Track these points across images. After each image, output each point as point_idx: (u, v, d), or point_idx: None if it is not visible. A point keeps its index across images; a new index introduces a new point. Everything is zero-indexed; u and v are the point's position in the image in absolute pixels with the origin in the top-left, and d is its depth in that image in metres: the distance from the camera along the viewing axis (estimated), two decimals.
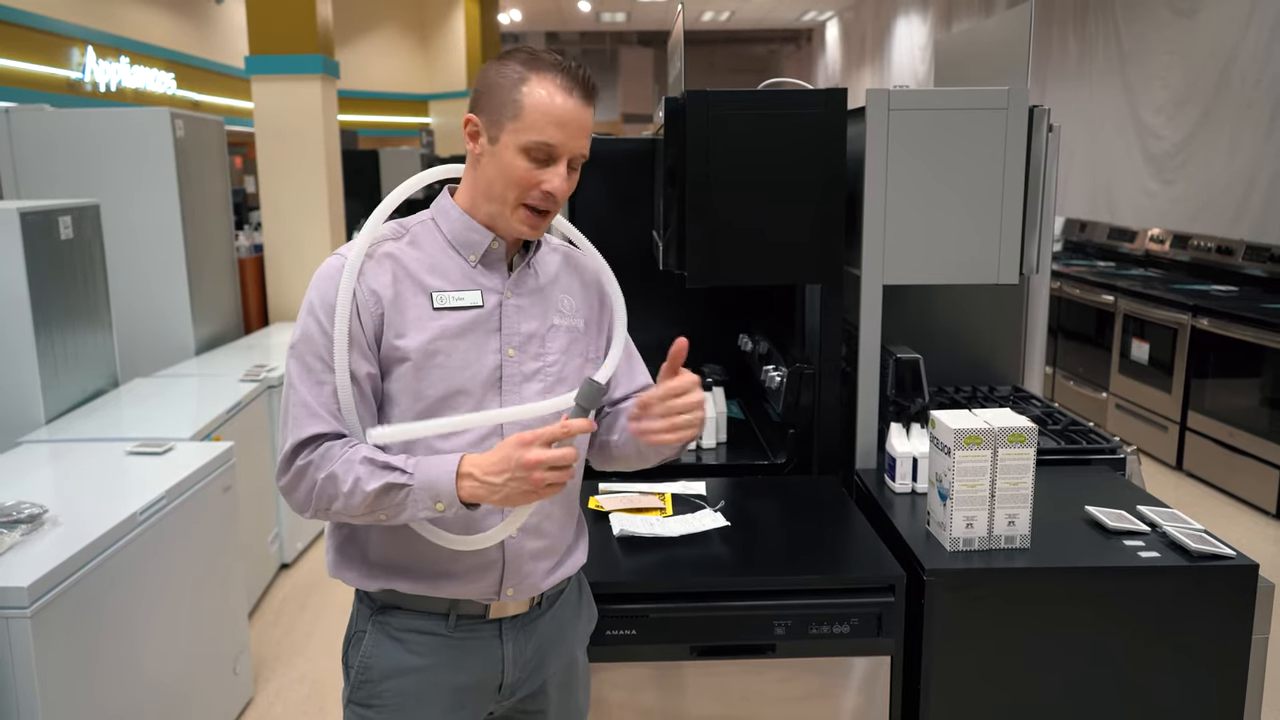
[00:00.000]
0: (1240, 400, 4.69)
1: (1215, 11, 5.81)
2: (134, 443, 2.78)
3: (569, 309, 1.53)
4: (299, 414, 1.36)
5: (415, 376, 1.39)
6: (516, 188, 1.38)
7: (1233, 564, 1.64)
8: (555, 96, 1.36)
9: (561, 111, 1.36)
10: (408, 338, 1.38)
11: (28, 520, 2.14)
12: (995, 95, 2.03)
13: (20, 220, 2.91)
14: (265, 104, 5.19)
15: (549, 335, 1.48)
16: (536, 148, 1.36)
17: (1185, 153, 6.16)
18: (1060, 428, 2.30)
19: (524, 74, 1.37)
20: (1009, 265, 2.08)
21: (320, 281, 1.40)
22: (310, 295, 1.40)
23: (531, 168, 1.37)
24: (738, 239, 2.03)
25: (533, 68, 1.37)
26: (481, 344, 1.42)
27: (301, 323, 1.40)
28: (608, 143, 2.86)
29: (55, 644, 1.97)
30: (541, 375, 1.46)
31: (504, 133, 1.37)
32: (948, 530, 1.70)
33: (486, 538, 1.37)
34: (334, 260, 1.41)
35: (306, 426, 1.35)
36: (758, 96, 2.03)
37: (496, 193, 1.40)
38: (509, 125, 1.36)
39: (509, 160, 1.37)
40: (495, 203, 1.41)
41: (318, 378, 1.37)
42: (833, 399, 2.15)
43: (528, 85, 1.36)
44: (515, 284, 1.47)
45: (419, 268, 1.42)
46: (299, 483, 1.35)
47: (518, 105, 1.36)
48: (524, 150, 1.36)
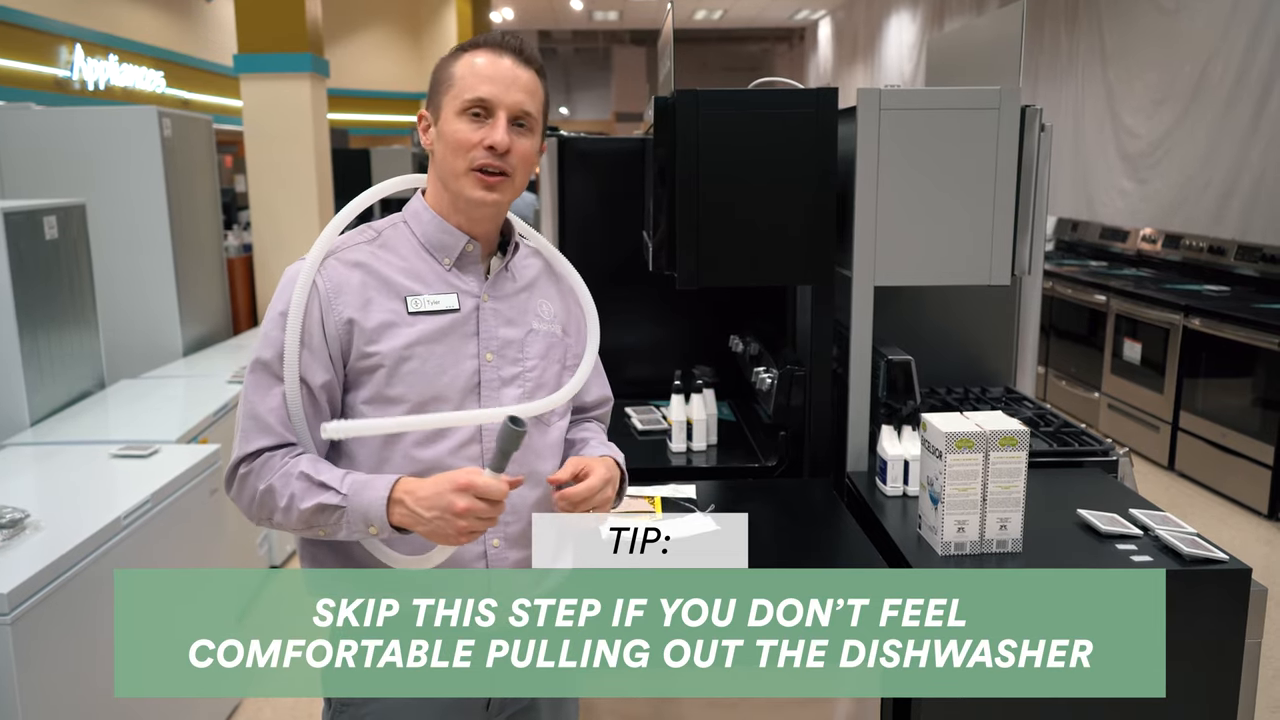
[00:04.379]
0: (1232, 400, 4.69)
1: (1196, 10, 5.81)
2: (119, 445, 2.75)
3: (548, 314, 1.50)
4: (247, 426, 1.35)
5: (389, 383, 1.36)
6: (461, 151, 1.37)
7: (1225, 568, 1.63)
8: (485, 59, 1.38)
9: (491, 69, 1.37)
10: (380, 343, 1.36)
11: (9, 525, 2.11)
12: (987, 95, 2.02)
13: (4, 220, 2.88)
14: (254, 103, 5.15)
15: (527, 340, 1.46)
16: (471, 105, 1.36)
17: (1160, 151, 6.17)
18: (1052, 429, 2.29)
19: (458, 54, 1.41)
20: (1001, 266, 2.07)
21: (283, 288, 1.37)
22: (274, 302, 1.38)
23: (472, 128, 1.37)
24: (728, 240, 2.02)
25: (466, 47, 1.41)
26: (459, 349, 1.40)
27: (264, 327, 1.38)
28: (598, 142, 2.84)
29: (36, 651, 1.95)
30: (520, 380, 1.44)
31: (443, 108, 1.39)
32: (939, 534, 1.69)
33: (428, 558, 1.35)
34: (295, 266, 1.39)
35: (252, 440, 1.34)
36: (748, 96, 2.01)
37: (448, 168, 1.39)
38: (445, 98, 1.39)
39: (451, 129, 1.37)
40: (451, 179, 1.39)
41: (269, 386, 1.35)
42: (824, 401, 2.13)
43: (459, 60, 1.40)
44: (492, 287, 1.44)
45: (392, 271, 1.39)
46: (241, 493, 1.35)
47: (451, 77, 1.39)
48: (461, 113, 1.37)
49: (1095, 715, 1.65)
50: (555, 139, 2.68)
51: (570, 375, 1.49)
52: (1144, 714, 1.65)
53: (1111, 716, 1.65)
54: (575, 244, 2.71)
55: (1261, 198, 5.32)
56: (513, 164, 1.39)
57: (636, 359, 2.77)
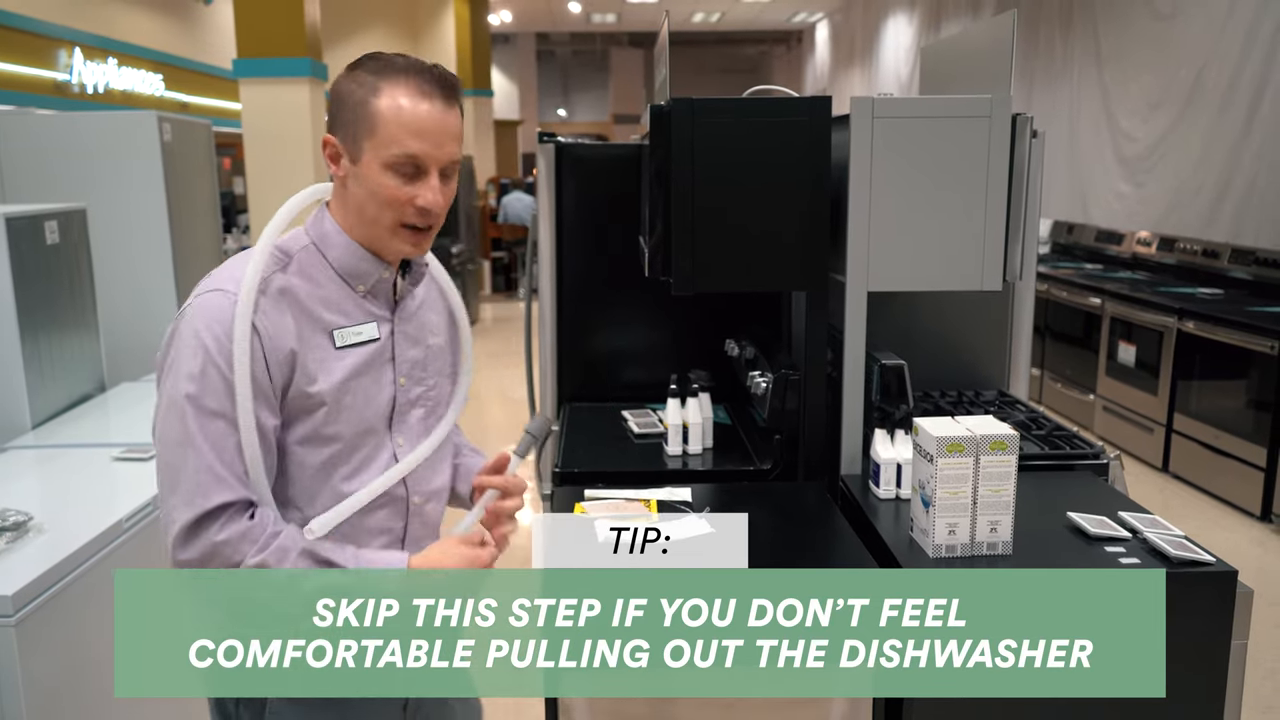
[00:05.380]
0: (1226, 403, 4.72)
1: (1192, 15, 5.84)
2: (121, 448, 2.77)
3: (436, 327, 1.50)
4: (203, 479, 1.23)
5: (326, 421, 1.32)
6: (390, 209, 1.30)
7: (1212, 570, 1.65)
8: (411, 103, 1.26)
9: (421, 119, 1.27)
10: (319, 382, 1.31)
11: (13, 527, 2.13)
12: (978, 103, 2.04)
13: (6, 225, 2.90)
14: (253, 107, 5.18)
15: (428, 358, 1.46)
16: (401, 162, 1.28)
17: (1156, 155, 6.21)
18: (1044, 433, 2.31)
19: (374, 83, 1.27)
20: (992, 272, 2.09)
21: (210, 324, 1.25)
22: (201, 337, 1.25)
23: (401, 184, 1.29)
24: (723, 246, 2.04)
25: (382, 75, 1.28)
26: (380, 378, 1.38)
27: (191, 367, 1.24)
28: (594, 148, 2.87)
29: (40, 653, 1.97)
30: (423, 400, 1.44)
31: (364, 151, 1.28)
32: (930, 537, 1.71)
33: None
34: (218, 300, 1.26)
35: (213, 494, 1.23)
36: (742, 104, 2.04)
37: (370, 216, 1.32)
38: (367, 143, 1.28)
39: (376, 180, 1.29)
40: (371, 226, 1.32)
41: (220, 433, 1.24)
42: (818, 405, 2.16)
43: (379, 96, 1.26)
44: (401, 311, 1.42)
45: (314, 303, 1.33)
46: (210, 561, 1.25)
47: (372, 119, 1.27)
48: (388, 167, 1.28)
49: (1089, 715, 1.67)
50: (553, 145, 2.70)
51: (451, 384, 1.51)
52: (1138, 714, 1.67)
53: (1102, 716, 1.67)
54: (572, 249, 2.74)
55: (1254, 201, 5.35)
56: (440, 214, 1.33)
57: (632, 363, 2.79)
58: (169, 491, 1.27)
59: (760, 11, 15.33)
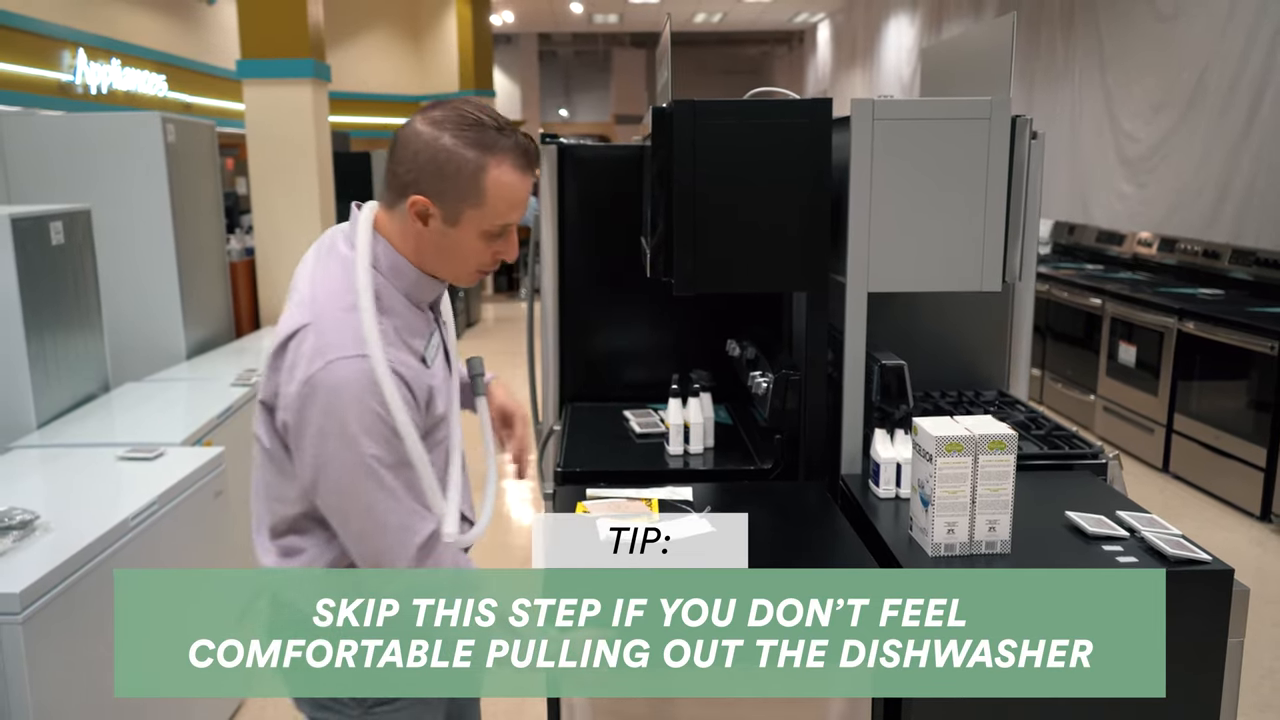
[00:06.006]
0: (1226, 403, 4.73)
1: (1194, 17, 5.85)
2: (125, 448, 2.79)
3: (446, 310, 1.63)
4: (409, 520, 1.38)
5: (440, 430, 1.49)
6: (475, 260, 1.44)
7: (1209, 569, 1.66)
8: (514, 179, 1.39)
9: (521, 194, 1.41)
10: (437, 402, 1.46)
11: (19, 526, 2.15)
12: (978, 105, 2.05)
13: (11, 226, 2.92)
14: (256, 108, 5.20)
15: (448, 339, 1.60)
16: (500, 230, 1.41)
17: (1159, 156, 6.21)
18: (1044, 433, 2.32)
19: (481, 160, 1.37)
20: (992, 273, 2.10)
21: (363, 393, 1.32)
22: (364, 403, 1.32)
23: (489, 244, 1.43)
24: (724, 247, 2.06)
25: (488, 151, 1.37)
26: (450, 373, 1.54)
27: (366, 432, 1.32)
28: (596, 149, 2.88)
29: (47, 650, 1.99)
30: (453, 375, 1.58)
31: (463, 218, 1.39)
32: (929, 536, 1.73)
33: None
34: (358, 365, 1.32)
35: (420, 529, 1.39)
36: (744, 106, 2.05)
37: (453, 265, 1.45)
38: (470, 212, 1.39)
39: (470, 244, 1.41)
40: (448, 268, 1.45)
41: (408, 479, 1.38)
42: (818, 405, 2.17)
43: (486, 172, 1.37)
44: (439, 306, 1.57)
45: (405, 334, 1.43)
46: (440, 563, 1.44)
47: (480, 193, 1.37)
48: (485, 234, 1.41)
49: (1085, 714, 1.68)
50: (555, 146, 2.71)
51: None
52: (1135, 712, 1.68)
53: (1099, 715, 1.68)
54: (574, 249, 2.75)
55: (1254, 203, 5.36)
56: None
57: (634, 363, 2.81)
58: (377, 534, 1.38)
59: (762, 12, 15.34)
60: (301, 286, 1.44)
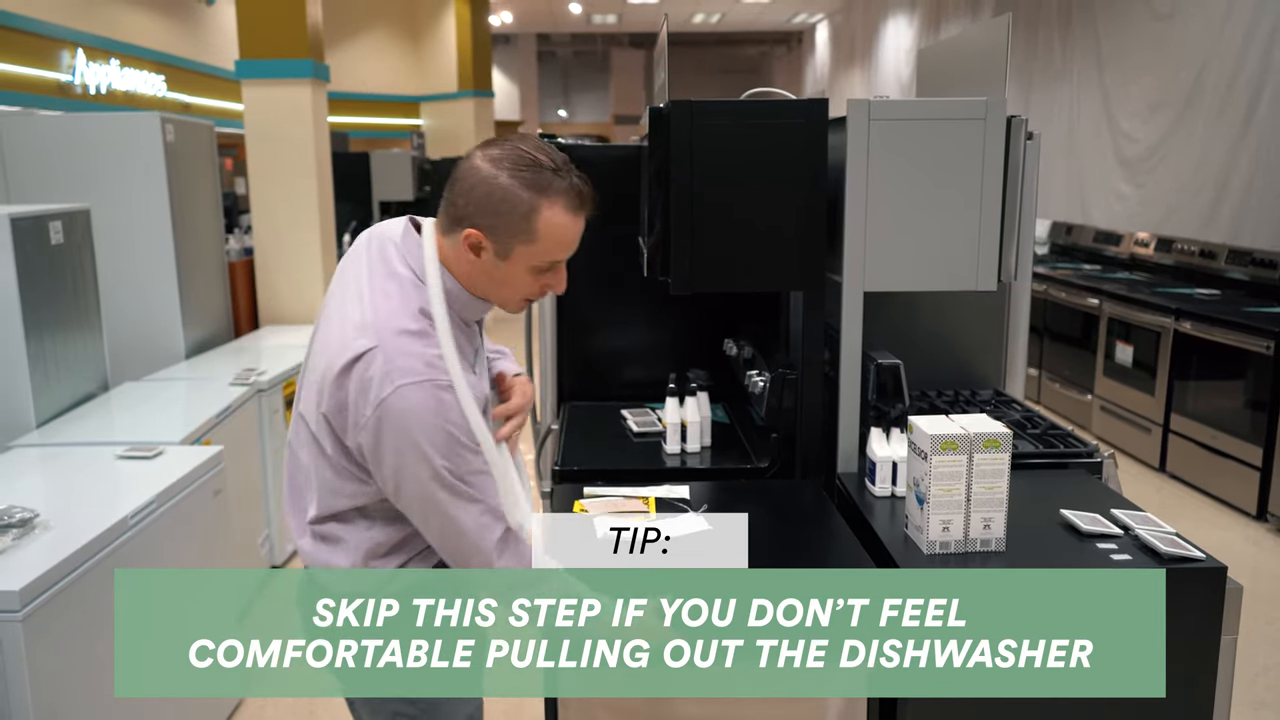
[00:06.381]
0: (1222, 403, 4.74)
1: (1191, 16, 5.87)
2: (124, 447, 2.80)
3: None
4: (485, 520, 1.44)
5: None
6: (525, 291, 1.50)
7: (1202, 566, 1.67)
8: (567, 220, 1.44)
9: (573, 234, 1.47)
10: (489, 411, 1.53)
11: (19, 524, 2.16)
12: (973, 105, 2.06)
13: (11, 225, 2.93)
14: (255, 108, 5.20)
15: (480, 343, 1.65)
16: (550, 266, 1.47)
17: (1157, 156, 6.22)
18: (1039, 432, 2.33)
19: (535, 200, 1.42)
20: (987, 272, 2.12)
21: (441, 420, 1.38)
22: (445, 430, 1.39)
23: (538, 277, 1.48)
24: (721, 247, 2.07)
25: (544, 192, 1.42)
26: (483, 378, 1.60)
27: (443, 450, 1.39)
28: (594, 149, 2.89)
29: (47, 648, 2.00)
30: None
31: (514, 253, 1.44)
32: (924, 533, 1.74)
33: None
34: (431, 390, 1.38)
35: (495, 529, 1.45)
36: (740, 106, 2.06)
37: (500, 294, 1.51)
38: (521, 248, 1.44)
39: (520, 277, 1.47)
40: (497, 296, 1.51)
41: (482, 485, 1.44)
42: (815, 404, 2.18)
43: (539, 213, 1.42)
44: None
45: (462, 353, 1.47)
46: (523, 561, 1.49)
47: (532, 232, 1.43)
48: (535, 269, 1.46)
49: (1080, 713, 1.69)
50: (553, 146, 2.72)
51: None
52: (1130, 709, 1.69)
53: (1093, 713, 1.69)
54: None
55: (1252, 203, 5.37)
56: None
57: (632, 362, 2.82)
58: (457, 537, 1.45)
59: (760, 12, 15.35)
60: (354, 303, 1.46)
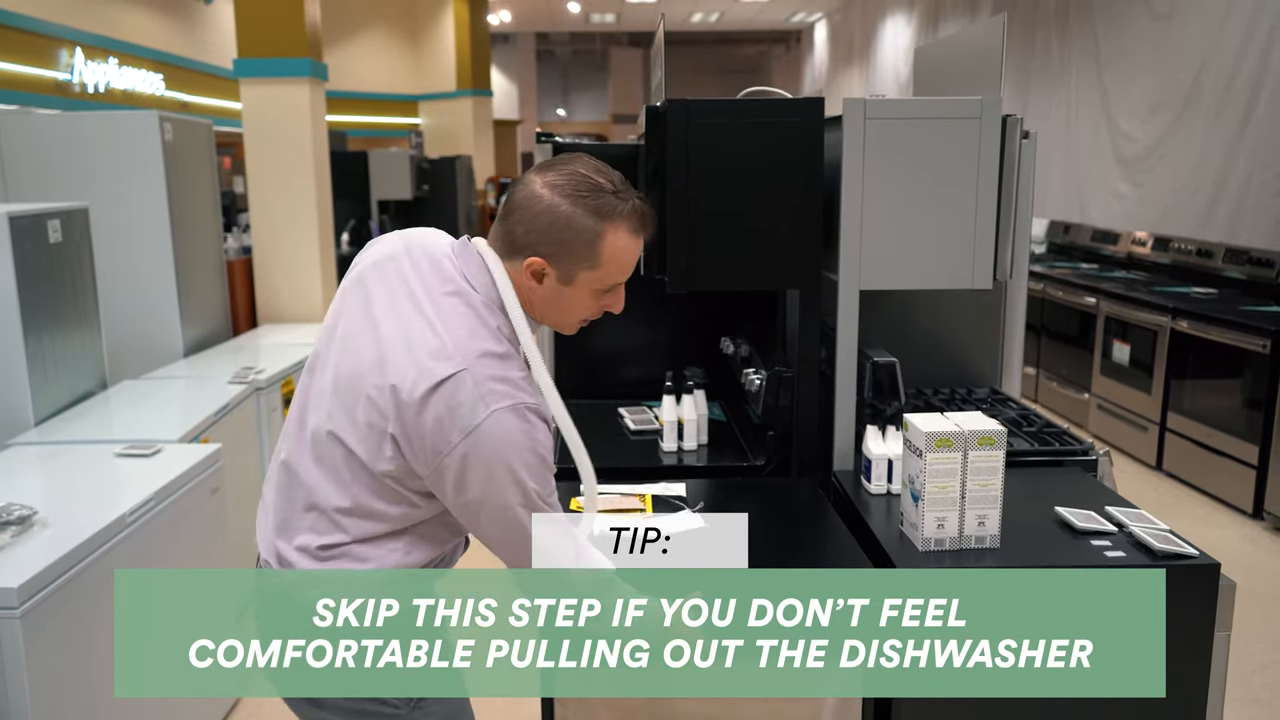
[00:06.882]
0: (1219, 401, 4.75)
1: (1189, 16, 5.87)
2: (122, 445, 2.80)
3: None
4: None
5: None
6: (584, 314, 1.51)
7: (1196, 563, 1.68)
8: (631, 244, 1.45)
9: (634, 256, 1.48)
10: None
11: (17, 522, 2.17)
12: (969, 105, 2.07)
13: (9, 224, 2.93)
14: (254, 107, 5.20)
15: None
16: (611, 289, 1.48)
17: (1155, 156, 6.23)
18: (1035, 430, 2.34)
19: (599, 226, 1.42)
20: (982, 271, 2.12)
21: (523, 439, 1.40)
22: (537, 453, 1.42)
23: (598, 299, 1.49)
24: (717, 245, 2.07)
25: (606, 217, 1.42)
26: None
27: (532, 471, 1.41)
28: (592, 148, 2.89)
29: (45, 645, 2.00)
30: None
31: (578, 278, 1.45)
32: (919, 531, 1.75)
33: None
34: (522, 415, 1.40)
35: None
36: (737, 105, 2.07)
37: (558, 317, 1.52)
38: (585, 274, 1.45)
39: (582, 301, 1.48)
40: (554, 319, 1.52)
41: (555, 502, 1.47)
42: (811, 401, 2.19)
43: (605, 239, 1.43)
44: None
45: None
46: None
47: (596, 257, 1.43)
48: (597, 292, 1.47)
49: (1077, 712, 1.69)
50: (551, 145, 2.73)
51: None
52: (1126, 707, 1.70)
53: (1090, 711, 1.70)
54: None
55: (1249, 202, 5.38)
56: None
57: (629, 360, 2.82)
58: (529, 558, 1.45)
59: (759, 11, 15.36)
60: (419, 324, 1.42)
